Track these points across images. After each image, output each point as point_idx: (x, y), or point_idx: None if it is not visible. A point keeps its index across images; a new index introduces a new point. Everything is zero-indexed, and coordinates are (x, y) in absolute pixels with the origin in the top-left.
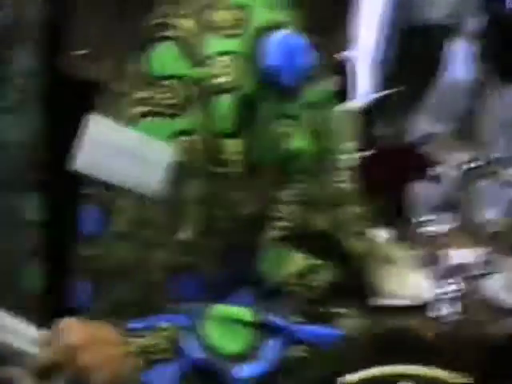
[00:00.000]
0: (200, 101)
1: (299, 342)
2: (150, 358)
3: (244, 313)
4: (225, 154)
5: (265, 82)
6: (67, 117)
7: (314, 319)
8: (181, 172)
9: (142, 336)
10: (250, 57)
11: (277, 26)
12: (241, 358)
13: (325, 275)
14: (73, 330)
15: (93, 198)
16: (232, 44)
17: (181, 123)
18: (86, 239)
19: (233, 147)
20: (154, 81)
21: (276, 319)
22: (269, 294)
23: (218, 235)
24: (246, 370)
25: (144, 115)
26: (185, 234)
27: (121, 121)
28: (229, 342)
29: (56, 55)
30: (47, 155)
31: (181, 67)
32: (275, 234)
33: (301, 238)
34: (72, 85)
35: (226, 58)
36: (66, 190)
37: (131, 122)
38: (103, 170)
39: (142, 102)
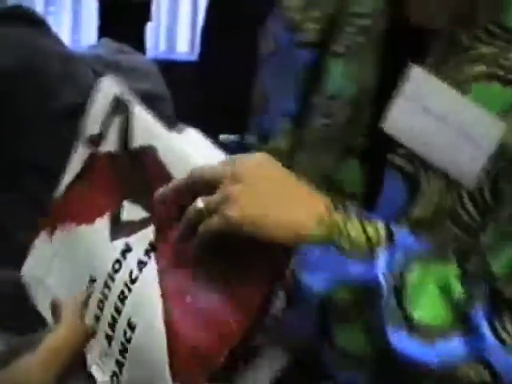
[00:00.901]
0: None
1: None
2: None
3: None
4: None
5: None
6: (397, 69)
7: None
8: (500, 157)
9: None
10: None
11: None
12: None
13: None
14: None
15: (398, 169)
16: None
17: None
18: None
19: None
20: (502, 34)
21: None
22: None
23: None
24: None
25: (482, 77)
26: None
27: (451, 81)
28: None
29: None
30: (372, 113)
31: None
32: None
33: None
34: (409, 32)
35: None
36: (374, 155)
37: (462, 84)
38: (414, 137)
39: (482, 59)
